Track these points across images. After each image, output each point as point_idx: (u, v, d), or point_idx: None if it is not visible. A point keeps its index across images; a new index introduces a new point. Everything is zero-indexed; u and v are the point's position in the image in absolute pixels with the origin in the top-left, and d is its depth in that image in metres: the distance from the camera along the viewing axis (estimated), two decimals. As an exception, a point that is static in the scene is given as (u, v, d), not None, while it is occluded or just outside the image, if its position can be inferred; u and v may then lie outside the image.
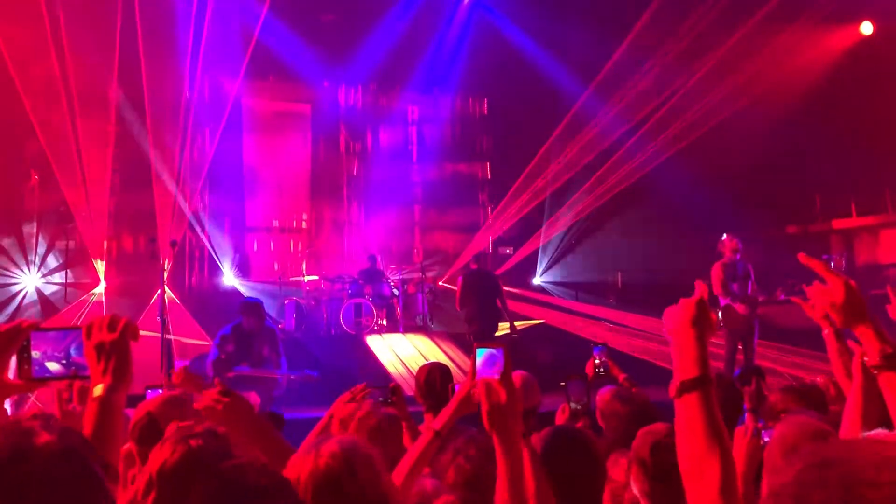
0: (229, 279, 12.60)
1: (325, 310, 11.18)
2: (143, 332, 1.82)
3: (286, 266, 13.34)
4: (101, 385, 1.59)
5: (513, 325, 9.31)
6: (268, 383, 7.19)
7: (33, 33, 10.27)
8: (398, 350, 10.27)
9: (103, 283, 11.46)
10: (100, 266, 11.51)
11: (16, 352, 1.69)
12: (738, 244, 8.08)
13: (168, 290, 8.63)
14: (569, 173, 13.50)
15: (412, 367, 9.21)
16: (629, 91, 12.77)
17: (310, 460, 1.74)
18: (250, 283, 12.71)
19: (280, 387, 7.31)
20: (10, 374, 1.68)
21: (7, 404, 1.73)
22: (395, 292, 11.40)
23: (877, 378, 1.81)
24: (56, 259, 11.67)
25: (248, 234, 13.89)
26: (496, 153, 15.06)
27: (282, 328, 10.51)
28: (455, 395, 2.20)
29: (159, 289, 8.18)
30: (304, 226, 14.33)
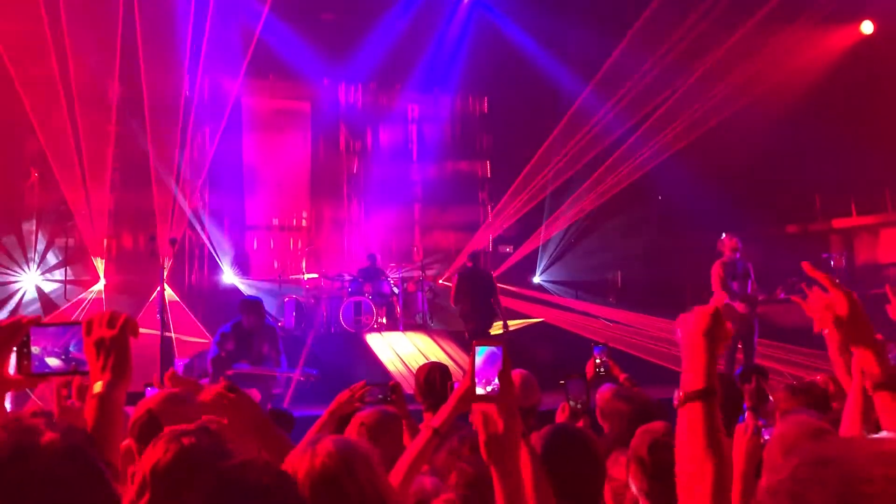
0: (229, 277, 12.60)
1: (324, 308, 11.18)
2: (142, 330, 1.82)
3: (286, 264, 13.32)
4: (100, 381, 1.59)
5: (505, 323, 9.32)
6: (267, 381, 7.20)
7: (33, 32, 10.26)
8: (398, 348, 10.28)
9: (103, 280, 11.45)
10: (99, 264, 11.50)
11: (16, 347, 1.68)
12: (738, 243, 8.08)
13: (168, 288, 8.64)
14: (569, 172, 13.47)
15: (412, 366, 9.22)
16: (629, 90, 12.74)
17: (306, 459, 1.74)
18: (250, 281, 12.70)
19: (279, 384, 7.32)
20: (10, 369, 1.68)
21: (7, 401, 1.73)
22: (395, 290, 11.40)
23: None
24: (56, 257, 11.66)
25: (247, 232, 13.87)
26: (496, 152, 15.04)
27: (281, 326, 10.51)
28: (453, 392, 2.20)
29: (159, 287, 8.19)
30: (303, 224, 14.31)
